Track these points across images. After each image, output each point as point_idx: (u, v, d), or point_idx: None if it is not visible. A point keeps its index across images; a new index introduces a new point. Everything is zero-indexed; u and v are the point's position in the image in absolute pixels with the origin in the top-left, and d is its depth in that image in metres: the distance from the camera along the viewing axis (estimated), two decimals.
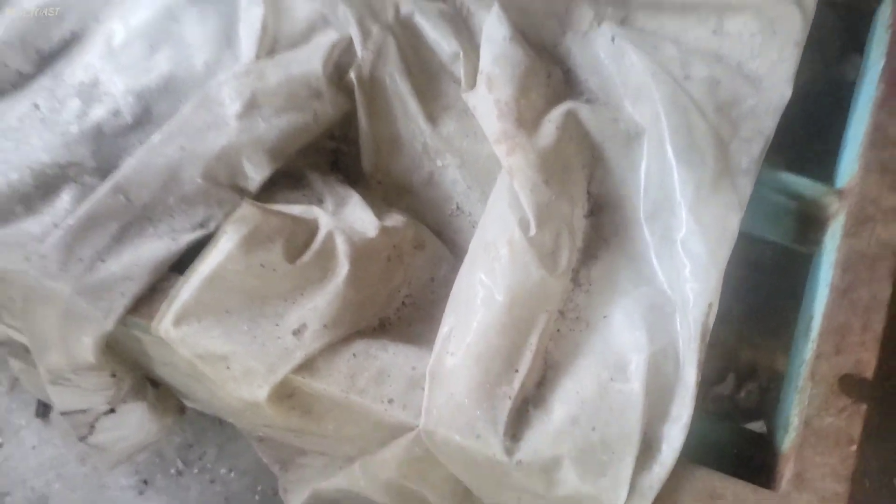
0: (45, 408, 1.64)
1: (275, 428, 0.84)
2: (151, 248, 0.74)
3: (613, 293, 0.75)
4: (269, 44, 0.80)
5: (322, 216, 0.75)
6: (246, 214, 0.72)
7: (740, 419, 1.19)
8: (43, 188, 0.76)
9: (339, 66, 0.80)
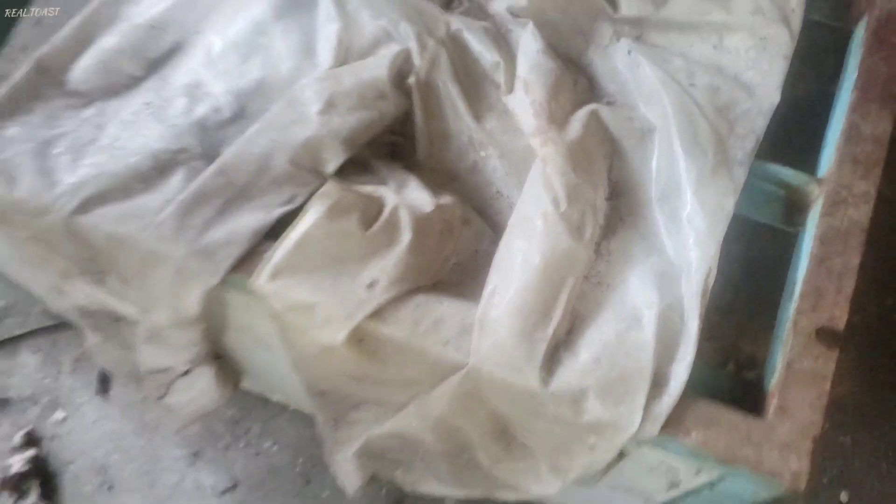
0: (104, 386, 1.80)
1: (341, 376, 0.99)
2: (249, 220, 0.89)
3: (629, 262, 0.90)
4: (343, 54, 0.96)
5: (388, 194, 0.90)
6: (329, 190, 0.88)
7: None
8: (158, 170, 0.92)
9: (400, 73, 0.96)
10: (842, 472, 1.66)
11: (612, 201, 0.94)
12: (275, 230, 0.90)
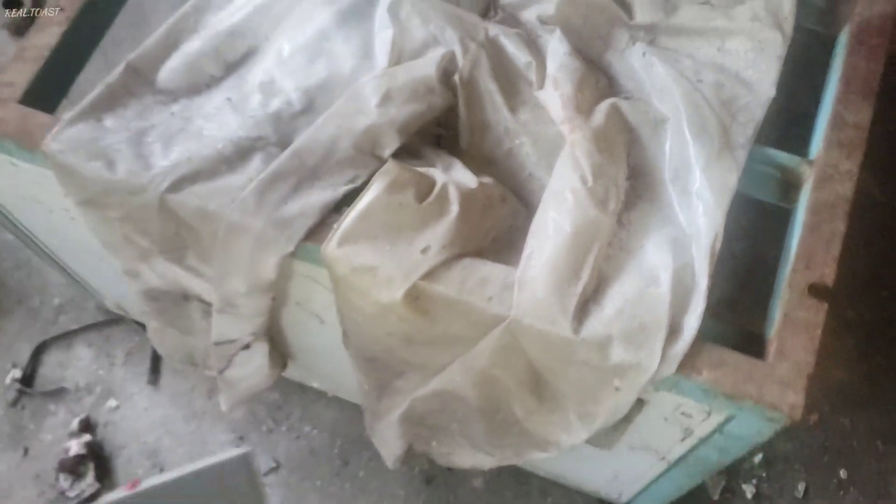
0: (154, 376, 1.94)
1: (393, 337, 1.12)
2: (318, 196, 1.04)
3: (647, 230, 1.04)
4: (397, 56, 1.11)
5: (438, 173, 1.05)
6: (389, 169, 1.03)
7: None
8: (239, 154, 1.07)
9: (446, 72, 1.11)
10: (841, 452, 1.79)
11: (631, 181, 1.08)
12: (339, 206, 1.05)
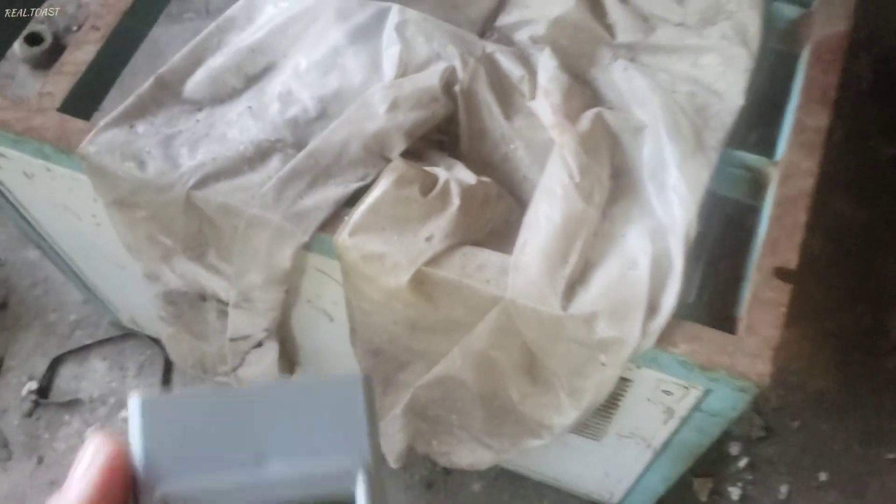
0: (166, 387, 2.02)
1: (398, 325, 1.22)
2: (332, 192, 1.15)
3: (628, 222, 1.15)
4: (403, 69, 1.23)
5: (440, 171, 1.16)
6: (396, 166, 1.14)
7: None
8: (259, 155, 1.18)
9: (448, 83, 1.23)
10: (821, 455, 1.87)
11: (614, 180, 1.19)
12: (350, 201, 1.16)
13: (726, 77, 1.25)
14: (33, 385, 2.00)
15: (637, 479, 1.57)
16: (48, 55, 2.57)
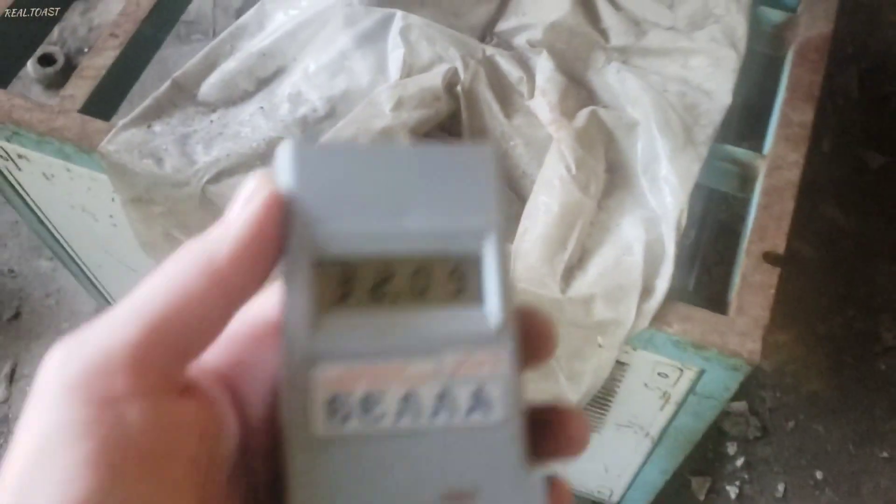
0: None
1: None
2: None
3: (622, 212, 1.21)
4: (407, 71, 1.30)
5: None
6: None
7: None
8: (271, 151, 1.24)
9: (450, 83, 1.29)
10: (816, 455, 1.91)
11: (609, 174, 1.25)
12: None
13: (715, 77, 1.31)
14: None
15: (636, 472, 1.61)
16: (61, 76, 2.64)
